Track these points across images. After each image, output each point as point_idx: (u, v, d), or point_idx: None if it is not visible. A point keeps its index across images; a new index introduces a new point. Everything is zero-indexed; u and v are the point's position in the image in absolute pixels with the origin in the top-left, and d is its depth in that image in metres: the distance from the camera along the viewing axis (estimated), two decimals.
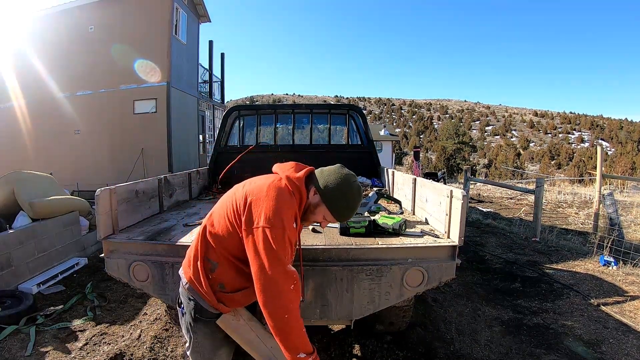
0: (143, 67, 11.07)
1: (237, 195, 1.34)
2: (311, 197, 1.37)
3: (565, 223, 7.54)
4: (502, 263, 4.62)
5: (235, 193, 1.38)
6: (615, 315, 3.13)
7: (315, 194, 1.37)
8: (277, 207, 1.22)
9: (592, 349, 2.65)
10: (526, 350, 2.63)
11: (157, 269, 1.92)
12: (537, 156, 65.22)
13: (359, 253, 1.90)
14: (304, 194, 1.35)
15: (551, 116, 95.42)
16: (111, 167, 10.96)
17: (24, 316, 2.91)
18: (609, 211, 5.27)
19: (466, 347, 2.67)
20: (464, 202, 1.79)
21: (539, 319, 3.12)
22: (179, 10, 12.01)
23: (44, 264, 3.96)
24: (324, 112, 4.64)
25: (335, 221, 1.42)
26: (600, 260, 4.48)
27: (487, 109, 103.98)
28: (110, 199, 2.03)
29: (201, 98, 13.96)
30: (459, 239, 1.85)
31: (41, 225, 4.04)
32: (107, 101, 11.35)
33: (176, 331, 2.86)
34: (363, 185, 3.81)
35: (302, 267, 1.60)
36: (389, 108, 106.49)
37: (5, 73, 11.89)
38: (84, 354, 2.53)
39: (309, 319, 1.93)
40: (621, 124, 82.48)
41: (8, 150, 11.86)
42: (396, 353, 2.54)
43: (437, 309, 3.28)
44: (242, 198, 1.30)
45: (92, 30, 11.42)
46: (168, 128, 11.10)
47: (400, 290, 1.88)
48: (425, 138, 76.42)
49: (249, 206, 1.26)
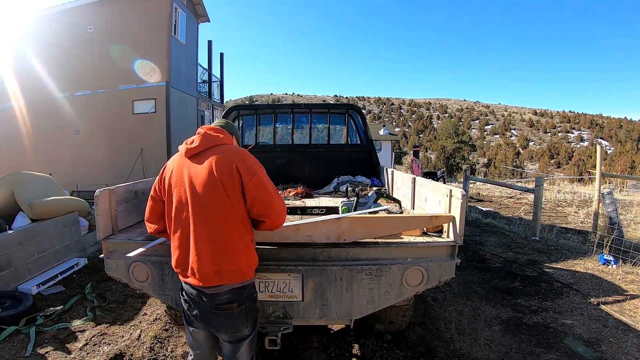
0: (142, 67, 11.06)
1: (215, 173, 1.45)
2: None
3: (564, 222, 7.55)
4: (502, 262, 4.62)
5: (200, 177, 1.47)
6: (615, 314, 3.13)
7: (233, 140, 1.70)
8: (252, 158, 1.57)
9: (591, 347, 2.65)
10: (526, 349, 2.64)
11: (157, 269, 1.92)
12: (536, 155, 65.24)
13: (359, 252, 1.90)
14: (230, 138, 1.67)
15: (550, 115, 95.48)
16: (110, 168, 10.95)
17: (23, 317, 2.91)
18: (609, 210, 5.28)
19: (466, 346, 2.67)
20: (463, 201, 1.79)
21: (539, 318, 3.13)
22: (178, 10, 12.00)
23: (44, 264, 3.96)
24: (323, 111, 4.64)
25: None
26: (600, 259, 4.48)
27: (486, 108, 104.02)
28: (110, 199, 2.02)
29: (200, 98, 13.96)
30: (458, 238, 1.85)
31: (41, 226, 4.04)
32: (106, 101, 11.35)
33: (176, 331, 2.86)
34: (362, 184, 3.81)
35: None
36: (389, 107, 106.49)
37: (4, 73, 11.88)
38: (84, 355, 2.53)
39: (308, 318, 1.94)
40: (620, 123, 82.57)
41: (7, 150, 11.85)
42: (396, 352, 2.54)
43: (437, 308, 3.28)
44: (224, 170, 1.46)
45: (91, 31, 11.41)
46: (167, 128, 11.09)
47: (400, 290, 1.89)
48: (425, 137, 76.40)
49: (241, 166, 1.48)
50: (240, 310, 1.51)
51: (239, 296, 1.51)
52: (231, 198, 1.45)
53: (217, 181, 1.44)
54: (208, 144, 1.53)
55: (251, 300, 1.57)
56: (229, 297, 1.48)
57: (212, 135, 1.56)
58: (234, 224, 1.48)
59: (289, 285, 1.88)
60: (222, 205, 1.45)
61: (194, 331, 1.61)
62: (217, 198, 1.44)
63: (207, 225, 1.45)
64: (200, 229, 1.45)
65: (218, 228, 1.45)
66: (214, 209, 1.45)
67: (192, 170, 1.48)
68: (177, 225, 1.51)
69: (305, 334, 2.74)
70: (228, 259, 1.46)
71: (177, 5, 11.78)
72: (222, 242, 1.46)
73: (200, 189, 1.45)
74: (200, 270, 1.45)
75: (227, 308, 1.49)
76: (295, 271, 1.87)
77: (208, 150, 1.52)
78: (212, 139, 1.55)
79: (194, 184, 1.46)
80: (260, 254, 1.86)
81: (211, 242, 1.45)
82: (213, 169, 1.45)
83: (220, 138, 1.57)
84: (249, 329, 1.58)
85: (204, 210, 1.45)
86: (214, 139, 1.55)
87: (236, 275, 1.49)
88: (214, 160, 1.47)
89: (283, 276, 1.88)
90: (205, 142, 1.53)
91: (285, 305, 1.90)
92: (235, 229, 1.48)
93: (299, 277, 1.87)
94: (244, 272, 1.51)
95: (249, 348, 1.60)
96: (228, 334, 1.55)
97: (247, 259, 1.52)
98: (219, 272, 1.45)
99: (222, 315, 1.49)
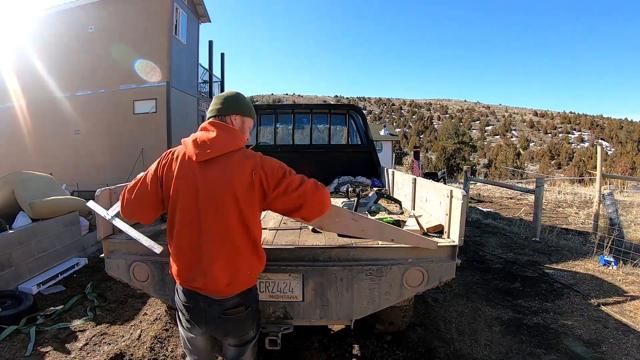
0: (143, 67, 11.07)
1: (232, 180, 1.37)
2: (239, 126, 1.54)
3: (565, 223, 7.54)
4: (502, 263, 4.62)
5: (209, 184, 1.38)
6: (615, 315, 3.13)
7: (236, 121, 1.53)
8: (269, 159, 1.47)
9: (592, 348, 2.65)
10: (526, 350, 2.63)
11: (157, 269, 1.92)
12: (537, 156, 65.17)
13: (359, 253, 1.90)
14: (243, 138, 1.51)
15: (551, 116, 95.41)
16: (111, 167, 10.96)
17: (24, 316, 2.91)
18: (609, 211, 5.27)
19: (466, 347, 2.67)
20: (463, 202, 1.79)
21: (539, 318, 3.12)
22: (179, 10, 12.01)
23: (44, 264, 3.96)
24: (324, 112, 4.64)
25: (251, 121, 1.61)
26: (600, 260, 4.48)
27: (487, 109, 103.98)
28: (110, 199, 2.03)
29: (201, 98, 13.97)
30: (459, 239, 1.85)
31: (41, 226, 4.04)
32: (107, 101, 11.36)
33: (176, 331, 2.86)
34: (363, 185, 3.81)
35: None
36: (389, 108, 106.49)
37: (5, 73, 11.90)
38: (84, 354, 2.53)
39: (309, 318, 1.93)
40: (621, 124, 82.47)
41: (8, 150, 11.87)
42: (396, 353, 2.53)
43: (437, 309, 3.28)
44: (242, 180, 1.38)
45: (92, 30, 11.43)
46: (168, 128, 11.10)
47: (400, 290, 1.88)
48: (425, 138, 76.35)
49: (262, 174, 1.40)
50: (248, 313, 1.48)
51: (246, 299, 1.48)
52: (247, 209, 1.39)
53: (232, 192, 1.36)
54: (222, 150, 1.39)
55: (256, 302, 1.56)
56: (237, 301, 1.44)
57: (227, 139, 1.41)
58: (247, 235, 1.42)
59: (290, 286, 1.88)
60: (237, 216, 1.38)
61: (192, 337, 1.55)
62: (232, 209, 1.37)
63: (221, 237, 1.38)
64: (213, 241, 1.38)
65: (232, 241, 1.39)
66: (229, 221, 1.37)
67: (204, 178, 1.37)
68: (182, 232, 1.41)
69: (305, 334, 2.74)
70: (243, 272, 1.43)
71: (177, 5, 11.80)
72: (237, 256, 1.41)
73: (215, 200, 1.36)
74: (212, 282, 1.39)
75: (237, 312, 1.44)
76: (295, 271, 1.87)
77: (222, 157, 1.39)
78: (227, 144, 1.40)
79: (208, 193, 1.36)
80: None
81: (226, 256, 1.39)
82: (228, 178, 1.36)
83: (234, 142, 1.42)
84: (254, 330, 1.56)
85: (217, 222, 1.37)
86: (229, 144, 1.40)
87: (247, 284, 1.47)
88: (229, 169, 1.37)
89: (283, 276, 1.88)
90: (220, 147, 1.39)
91: (285, 306, 1.90)
92: (249, 240, 1.43)
93: (299, 278, 1.87)
94: (253, 279, 1.50)
95: (253, 350, 1.59)
96: (236, 337, 1.51)
97: (258, 268, 1.50)
98: (231, 284, 1.41)
99: (231, 320, 1.45)
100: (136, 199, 1.48)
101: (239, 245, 1.41)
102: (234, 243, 1.39)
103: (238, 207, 1.37)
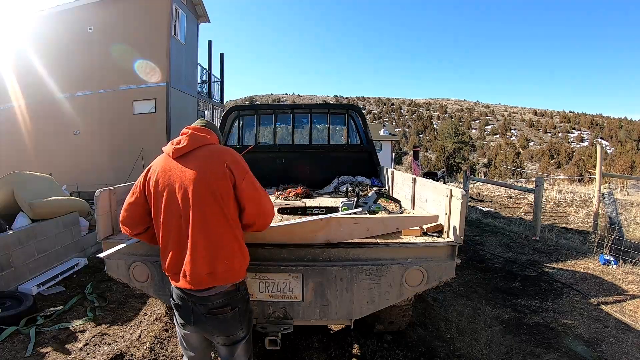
0: (142, 67, 11.07)
1: (207, 173, 1.44)
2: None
3: (565, 222, 7.55)
4: (502, 262, 4.62)
5: (187, 180, 1.43)
6: (615, 314, 3.13)
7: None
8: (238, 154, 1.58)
9: (592, 347, 2.65)
10: (526, 349, 2.64)
11: (157, 269, 1.92)
12: (536, 155, 65.17)
13: (359, 253, 1.90)
14: (216, 138, 1.64)
15: (550, 115, 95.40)
16: (111, 168, 10.96)
17: (24, 317, 2.91)
18: (609, 210, 5.27)
19: (466, 347, 2.67)
20: (463, 201, 1.79)
21: (539, 318, 3.13)
22: (178, 10, 12.01)
23: (44, 264, 3.96)
24: (324, 111, 4.63)
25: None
26: (600, 259, 4.48)
27: (486, 108, 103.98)
28: (110, 199, 2.03)
29: (200, 98, 13.96)
30: (458, 239, 1.85)
31: (41, 226, 4.04)
32: (106, 102, 11.35)
33: (176, 331, 2.86)
34: (362, 184, 3.81)
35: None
36: (389, 107, 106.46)
37: (5, 73, 11.89)
38: (84, 355, 2.53)
39: (309, 318, 1.93)
40: (621, 123, 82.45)
41: (8, 150, 11.86)
42: (396, 353, 2.53)
43: (437, 309, 3.28)
44: (217, 170, 1.45)
45: (91, 31, 11.42)
46: (167, 128, 11.09)
47: (400, 290, 1.89)
48: (425, 137, 76.34)
49: (232, 165, 1.48)
50: (234, 314, 1.49)
51: (232, 299, 1.49)
52: (224, 199, 1.44)
53: (208, 182, 1.42)
54: (196, 144, 1.50)
55: (244, 302, 1.55)
56: (222, 301, 1.46)
57: (200, 136, 1.53)
58: (227, 225, 1.46)
59: (289, 286, 1.88)
60: (215, 206, 1.43)
61: (186, 334, 1.58)
62: (209, 199, 1.42)
63: (201, 227, 1.42)
64: (194, 232, 1.41)
65: (212, 230, 1.43)
66: (207, 210, 1.42)
67: (181, 171, 1.44)
68: (167, 228, 1.46)
69: (305, 334, 2.74)
70: (221, 261, 1.44)
71: (177, 5, 11.79)
72: (217, 244, 1.43)
73: (192, 191, 1.41)
74: (193, 272, 1.41)
75: (221, 312, 1.47)
76: (295, 271, 1.87)
77: (196, 151, 1.49)
78: (200, 139, 1.52)
79: (184, 185, 1.42)
80: (260, 254, 1.87)
81: (205, 244, 1.42)
82: (204, 169, 1.43)
83: (207, 138, 1.54)
84: (244, 330, 1.56)
85: (196, 212, 1.41)
86: (202, 139, 1.52)
87: (228, 276, 1.46)
88: (204, 161, 1.45)
89: (283, 276, 1.88)
90: (193, 142, 1.50)
91: (285, 306, 1.90)
92: (228, 229, 1.46)
93: (299, 277, 1.87)
94: (236, 272, 1.49)
95: (245, 349, 1.59)
96: (223, 337, 1.53)
97: (240, 260, 1.50)
98: (212, 273, 1.42)
99: (216, 319, 1.47)
100: (130, 219, 1.59)
101: (217, 233, 1.44)
102: (212, 230, 1.43)
103: (215, 195, 1.42)
